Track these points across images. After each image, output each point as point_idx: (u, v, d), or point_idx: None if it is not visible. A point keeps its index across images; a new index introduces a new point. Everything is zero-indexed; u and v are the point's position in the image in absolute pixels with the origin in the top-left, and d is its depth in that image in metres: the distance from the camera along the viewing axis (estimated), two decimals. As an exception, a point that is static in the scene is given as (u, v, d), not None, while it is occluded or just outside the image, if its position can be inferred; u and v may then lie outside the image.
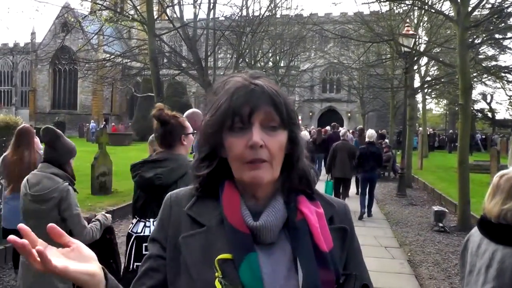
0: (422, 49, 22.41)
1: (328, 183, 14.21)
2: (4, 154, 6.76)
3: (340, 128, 22.77)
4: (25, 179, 4.71)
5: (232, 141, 1.51)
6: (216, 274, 1.42)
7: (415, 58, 21.52)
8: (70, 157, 4.83)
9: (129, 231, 4.15)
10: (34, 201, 4.51)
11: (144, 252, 3.84)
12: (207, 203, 1.59)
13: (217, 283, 1.41)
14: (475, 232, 3.12)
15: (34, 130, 6.96)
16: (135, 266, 3.92)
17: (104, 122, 61.87)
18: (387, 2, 20.25)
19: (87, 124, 56.69)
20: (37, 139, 6.88)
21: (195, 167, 1.66)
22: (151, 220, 3.98)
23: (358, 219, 13.46)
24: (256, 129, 1.49)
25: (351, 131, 27.05)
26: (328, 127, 27.96)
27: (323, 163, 21.20)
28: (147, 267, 1.61)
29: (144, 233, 3.98)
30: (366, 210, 14.07)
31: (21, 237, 2.74)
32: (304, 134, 19.49)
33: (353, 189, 16.36)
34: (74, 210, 4.50)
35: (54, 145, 4.63)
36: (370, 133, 15.32)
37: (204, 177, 1.61)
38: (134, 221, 4.16)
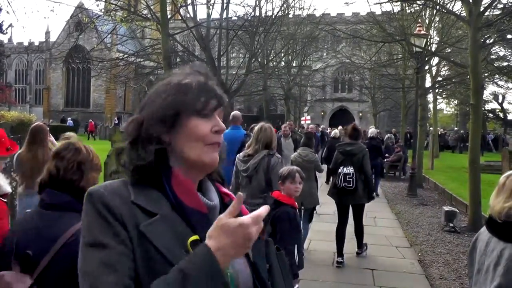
0: (433, 49, 22.36)
1: None
2: (19, 151, 6.84)
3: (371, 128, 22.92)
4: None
5: (198, 123, 1.63)
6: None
7: (427, 58, 21.46)
8: None
9: None
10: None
11: None
12: (147, 192, 1.59)
13: None
14: (483, 232, 3.20)
15: (48, 128, 7.05)
16: None
17: (116, 120, 62.04)
18: (399, 2, 20.23)
19: (100, 123, 56.95)
20: (51, 137, 6.97)
21: (131, 156, 1.64)
22: None
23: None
24: (219, 118, 1.69)
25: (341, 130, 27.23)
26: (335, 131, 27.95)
27: None
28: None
29: None
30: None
31: None
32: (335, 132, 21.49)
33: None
34: None
35: None
36: (371, 131, 19.94)
37: (146, 165, 1.60)
38: None
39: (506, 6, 17.12)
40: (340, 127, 26.91)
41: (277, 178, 6.07)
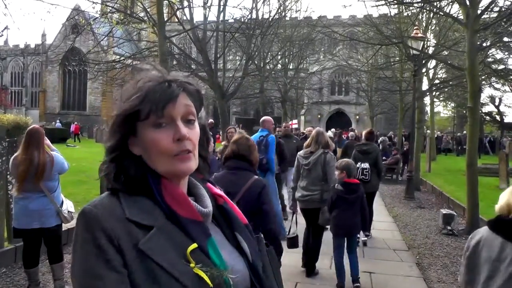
0: (430, 52, 22.37)
1: None
2: (15, 154, 6.80)
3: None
4: None
5: (154, 136, 1.53)
6: (191, 265, 1.46)
7: (424, 61, 21.48)
8: None
9: None
10: None
11: None
12: (140, 203, 1.54)
13: (199, 272, 1.45)
14: (488, 236, 3.11)
15: (44, 131, 7.01)
16: None
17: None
18: (396, 5, 20.24)
19: (96, 125, 56.85)
20: (47, 141, 6.92)
21: (112, 169, 1.59)
22: None
23: None
24: (180, 123, 1.55)
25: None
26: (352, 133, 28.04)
27: None
28: None
29: None
30: None
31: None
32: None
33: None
34: None
35: None
36: (351, 134, 21.19)
37: (132, 176, 1.56)
38: None
39: (503, 9, 17.11)
40: (333, 129, 27.10)
41: (332, 170, 8.36)
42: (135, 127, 1.56)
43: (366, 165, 11.15)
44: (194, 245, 1.50)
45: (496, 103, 61.15)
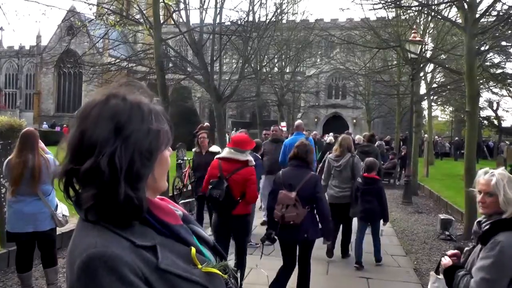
0: (428, 56, 22.33)
1: None
2: (9, 157, 6.73)
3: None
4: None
5: (167, 156, 1.69)
6: (199, 266, 1.58)
7: (422, 65, 21.45)
8: None
9: None
10: None
11: None
12: (133, 229, 1.52)
13: (211, 270, 1.62)
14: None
15: (38, 134, 6.93)
16: None
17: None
18: (394, 8, 20.20)
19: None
20: (41, 143, 6.84)
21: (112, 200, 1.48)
22: None
23: None
24: None
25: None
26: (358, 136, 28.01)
27: None
28: None
29: None
30: None
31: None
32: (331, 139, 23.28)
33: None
34: None
35: None
36: (358, 138, 20.60)
37: (138, 205, 1.51)
38: None
39: (500, 13, 17.09)
40: (331, 134, 27.08)
41: (359, 171, 10.04)
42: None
43: None
44: (193, 249, 1.61)
45: (494, 108, 61.13)
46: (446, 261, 4.09)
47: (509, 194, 3.61)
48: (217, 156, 7.67)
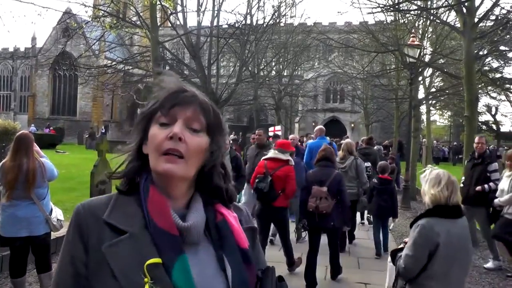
0: (427, 60, 22.30)
1: None
2: (3, 161, 6.65)
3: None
4: None
5: (155, 132, 1.57)
6: (145, 279, 1.41)
7: (420, 69, 21.41)
8: None
9: None
10: None
11: None
12: (126, 207, 1.57)
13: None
14: None
15: (33, 137, 6.85)
16: None
17: (103, 129, 61.35)
18: (393, 12, 20.16)
19: (87, 131, 56.39)
20: (36, 147, 6.76)
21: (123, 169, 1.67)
22: None
23: None
24: (179, 124, 1.57)
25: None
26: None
27: None
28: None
29: None
30: None
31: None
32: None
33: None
34: None
35: None
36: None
37: (129, 174, 1.63)
38: None
39: (499, 17, 17.07)
40: (327, 138, 26.94)
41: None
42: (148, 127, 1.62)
43: (368, 164, 13.63)
44: (155, 260, 1.46)
45: (493, 113, 61.17)
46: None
47: (425, 187, 4.84)
48: (264, 157, 9.05)
